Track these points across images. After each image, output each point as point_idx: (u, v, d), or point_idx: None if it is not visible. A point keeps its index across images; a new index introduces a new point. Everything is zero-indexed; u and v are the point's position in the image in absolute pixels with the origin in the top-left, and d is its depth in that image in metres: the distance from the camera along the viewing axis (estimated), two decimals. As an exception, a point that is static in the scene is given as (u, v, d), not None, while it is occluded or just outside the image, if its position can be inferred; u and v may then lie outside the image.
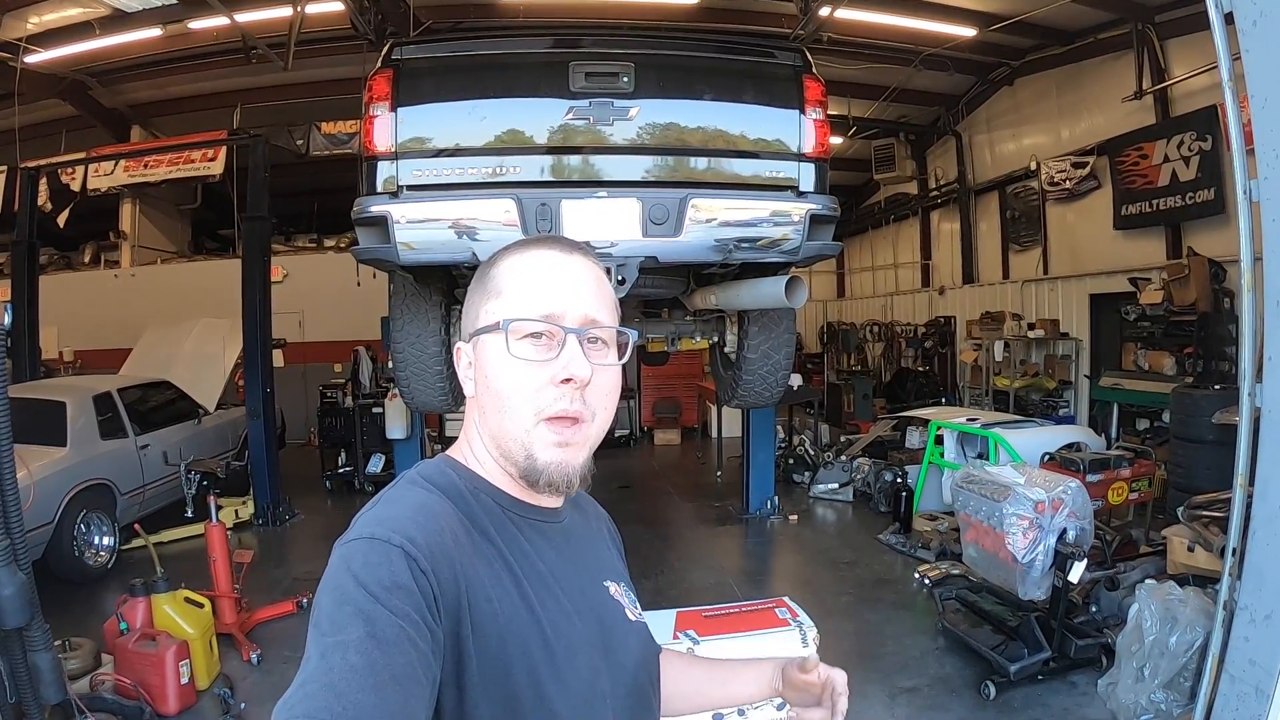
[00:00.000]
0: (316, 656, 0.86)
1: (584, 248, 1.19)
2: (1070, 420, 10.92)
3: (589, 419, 1.11)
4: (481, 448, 1.16)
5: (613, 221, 3.97)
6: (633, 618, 1.25)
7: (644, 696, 1.23)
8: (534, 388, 1.08)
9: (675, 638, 3.88)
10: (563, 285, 1.12)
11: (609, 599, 1.23)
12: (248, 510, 8.74)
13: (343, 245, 14.69)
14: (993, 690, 4.69)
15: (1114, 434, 10.07)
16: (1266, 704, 3.20)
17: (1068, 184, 11.61)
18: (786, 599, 4.39)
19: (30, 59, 10.47)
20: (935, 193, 15.80)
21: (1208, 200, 9.16)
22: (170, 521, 7.92)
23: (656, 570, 7.10)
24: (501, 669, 1.00)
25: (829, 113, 4.35)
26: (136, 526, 6.11)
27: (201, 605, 5.07)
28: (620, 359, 1.16)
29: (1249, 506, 3.41)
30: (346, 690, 0.81)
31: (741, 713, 3.94)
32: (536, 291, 1.11)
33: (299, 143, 12.78)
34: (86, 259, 15.97)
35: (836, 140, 13.98)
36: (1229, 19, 3.25)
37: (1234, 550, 3.54)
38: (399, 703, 0.83)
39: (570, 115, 4.03)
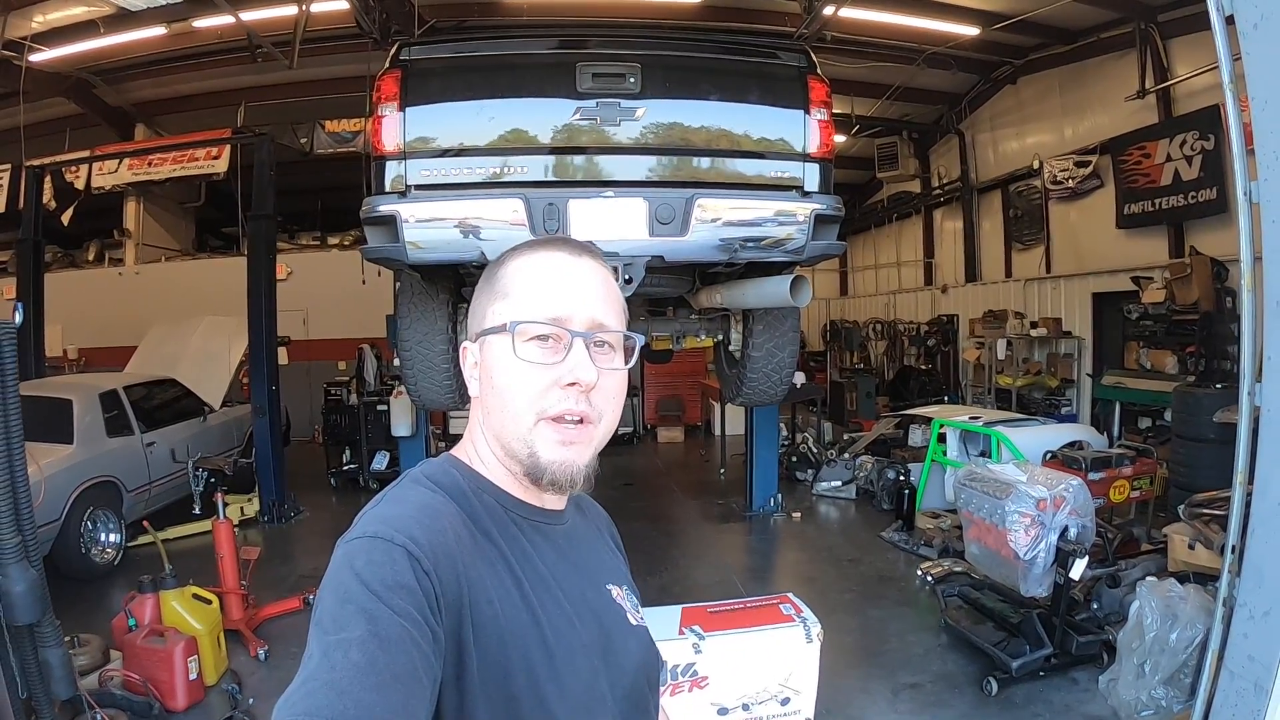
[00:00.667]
0: (319, 654, 0.86)
1: (593, 250, 1.19)
2: (1072, 419, 10.93)
3: (595, 420, 1.11)
4: (486, 448, 1.16)
5: (619, 221, 4.00)
6: (634, 621, 1.25)
7: (642, 700, 1.22)
8: (539, 390, 1.08)
9: (681, 633, 3.91)
10: (570, 288, 1.12)
11: (611, 602, 1.23)
12: (253, 507, 8.79)
13: (347, 243, 14.75)
14: (995, 686, 4.72)
15: (1116, 432, 10.07)
16: (1265, 699, 3.23)
17: (1070, 183, 11.61)
18: (791, 595, 4.43)
19: (35, 57, 10.51)
20: (938, 191, 15.79)
21: (1210, 199, 9.16)
22: (175, 518, 7.97)
23: (661, 567, 7.13)
24: (501, 671, 1.00)
25: (833, 111, 4.38)
26: (146, 523, 6.15)
27: (209, 601, 5.10)
28: (627, 363, 1.16)
29: (1249, 504, 3.44)
30: (348, 688, 0.82)
31: (746, 707, 3.98)
32: (544, 294, 1.11)
33: (303, 141, 12.81)
34: (91, 257, 16.01)
35: (840, 138, 13.97)
36: (1230, 21, 3.28)
37: (1234, 547, 3.57)
38: (400, 701, 0.83)
39: (577, 115, 4.07)
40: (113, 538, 7.11)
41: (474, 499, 1.11)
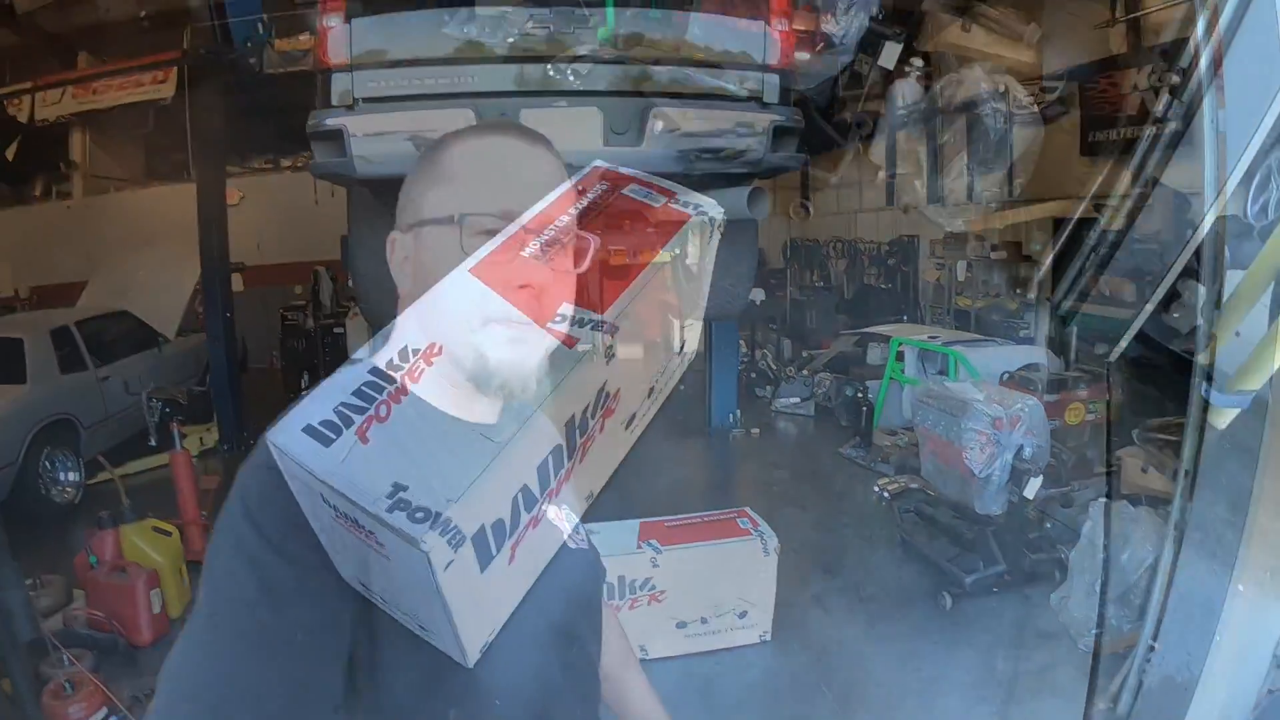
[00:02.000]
0: (205, 613, 0.81)
1: (547, 141, 1.05)
2: (1030, 342, 11.04)
3: (545, 322, 0.99)
4: None
5: (573, 131, 3.90)
6: (572, 545, 1.16)
7: (575, 630, 1.15)
8: (487, 290, 0.94)
9: (639, 547, 3.94)
10: (524, 179, 0.98)
11: None
12: (213, 437, 8.66)
13: (299, 165, 14.35)
14: (949, 601, 4.82)
15: (1073, 357, 10.21)
16: (1214, 622, 3.32)
17: (1036, 108, 11.55)
18: (748, 509, 4.47)
19: (-34, -18, 10.01)
20: (903, 112, 15.64)
21: (1176, 130, 9.14)
22: (136, 452, 7.80)
23: (618, 481, 7.12)
24: None
25: (796, 27, 4.29)
26: (101, 458, 6.05)
27: (169, 534, 5.04)
28: (579, 265, 1.02)
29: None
30: (233, 657, 0.78)
31: (704, 620, 4.04)
32: (495, 184, 0.97)
33: (252, 61, 12.38)
34: (37, 192, 15.49)
35: (804, 56, 13.78)
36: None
37: (1186, 472, 3.64)
38: (291, 665, 0.80)
39: (532, 24, 3.93)
40: (72, 476, 6.97)
41: None
